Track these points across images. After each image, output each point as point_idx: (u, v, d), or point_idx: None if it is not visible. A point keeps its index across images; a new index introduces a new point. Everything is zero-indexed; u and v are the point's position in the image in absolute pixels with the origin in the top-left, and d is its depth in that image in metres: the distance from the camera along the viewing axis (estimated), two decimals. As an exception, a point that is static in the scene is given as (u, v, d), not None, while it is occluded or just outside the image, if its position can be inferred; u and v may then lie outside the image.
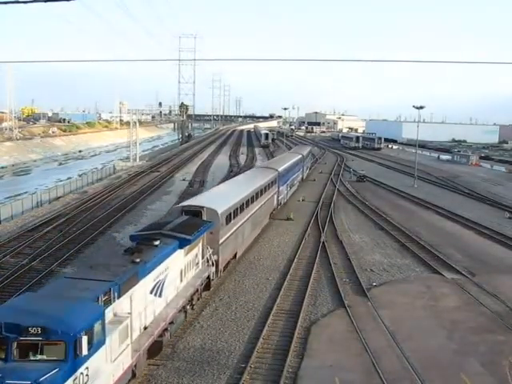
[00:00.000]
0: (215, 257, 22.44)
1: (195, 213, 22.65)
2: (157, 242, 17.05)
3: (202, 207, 23.01)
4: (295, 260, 28.61)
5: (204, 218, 22.51)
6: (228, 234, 24.44)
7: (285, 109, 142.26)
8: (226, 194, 29.17)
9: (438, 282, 26.03)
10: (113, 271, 14.36)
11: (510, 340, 19.35)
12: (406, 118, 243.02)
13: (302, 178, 59.05)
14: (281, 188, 41.68)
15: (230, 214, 24.98)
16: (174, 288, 18.09)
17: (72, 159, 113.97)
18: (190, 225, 20.20)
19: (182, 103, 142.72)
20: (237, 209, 26.32)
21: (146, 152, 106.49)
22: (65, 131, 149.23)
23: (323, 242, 32.30)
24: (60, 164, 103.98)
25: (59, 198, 47.67)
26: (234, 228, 25.79)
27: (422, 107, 63.47)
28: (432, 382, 16.06)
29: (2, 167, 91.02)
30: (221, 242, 23.11)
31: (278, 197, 40.58)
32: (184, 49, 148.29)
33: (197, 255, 20.64)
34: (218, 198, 26.91)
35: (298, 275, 26.26)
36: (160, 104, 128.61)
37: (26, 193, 59.99)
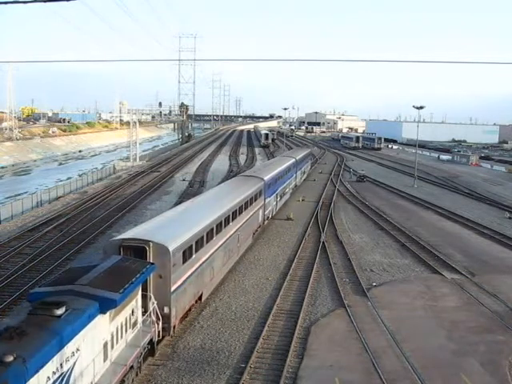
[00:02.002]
0: (165, 309, 16.91)
1: (138, 250, 16.71)
2: (60, 311, 11.16)
3: (148, 242, 16.85)
4: (295, 260, 28.61)
5: (150, 256, 16.68)
6: (186, 276, 18.56)
7: (285, 109, 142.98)
8: (188, 218, 21.89)
9: (437, 281, 26.02)
10: None
11: (510, 340, 19.35)
12: (405, 118, 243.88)
13: (296, 185, 53.72)
14: (268, 200, 35.99)
15: (191, 248, 19.06)
16: (91, 376, 12.13)
17: (72, 159, 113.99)
18: (122, 272, 14.43)
19: (182, 103, 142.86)
20: (202, 238, 20.36)
21: (146, 152, 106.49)
22: (65, 131, 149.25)
23: (323, 242, 32.30)
24: (60, 164, 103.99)
25: (59, 197, 47.72)
26: (198, 264, 19.93)
27: (422, 107, 63.51)
28: (432, 382, 16.05)
29: (2, 167, 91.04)
30: (174, 288, 17.23)
31: (264, 211, 34.70)
32: (184, 49, 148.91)
33: (134, 312, 14.72)
34: (175, 226, 20.11)
35: (298, 275, 26.26)
36: (160, 104, 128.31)
37: (26, 193, 60.06)
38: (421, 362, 17.21)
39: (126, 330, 14.29)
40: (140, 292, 15.15)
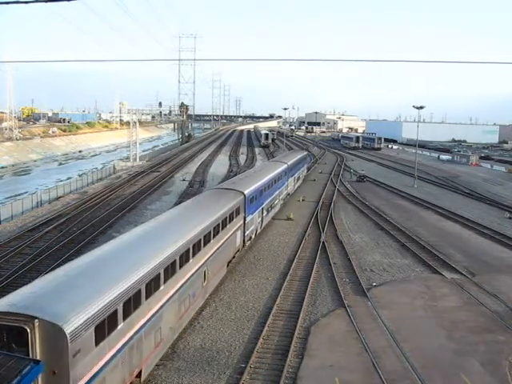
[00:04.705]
0: None
1: (16, 331, 10.39)
2: None
3: (31, 318, 10.44)
4: (295, 260, 28.61)
5: (34, 343, 10.39)
6: (105, 360, 12.03)
7: (285, 109, 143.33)
8: (115, 266, 14.19)
9: (437, 281, 26.02)
10: None
11: (510, 340, 19.35)
12: (405, 117, 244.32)
13: (288, 194, 47.45)
14: (250, 217, 29.62)
15: (114, 314, 12.42)
16: None
17: (72, 159, 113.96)
18: None
19: (182, 103, 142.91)
20: (138, 293, 13.74)
21: (146, 152, 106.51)
22: (65, 131, 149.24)
23: (323, 242, 32.31)
24: (60, 164, 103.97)
25: (59, 197, 47.73)
26: (130, 333, 13.36)
27: (421, 107, 63.48)
28: (432, 382, 16.06)
29: (2, 167, 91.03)
30: None
31: (244, 232, 28.33)
32: (184, 49, 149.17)
33: None
34: (88, 283, 12.72)
35: (298, 275, 26.26)
36: (160, 104, 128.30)
37: (26, 193, 60.07)
38: (421, 361, 17.22)
39: None
40: None
